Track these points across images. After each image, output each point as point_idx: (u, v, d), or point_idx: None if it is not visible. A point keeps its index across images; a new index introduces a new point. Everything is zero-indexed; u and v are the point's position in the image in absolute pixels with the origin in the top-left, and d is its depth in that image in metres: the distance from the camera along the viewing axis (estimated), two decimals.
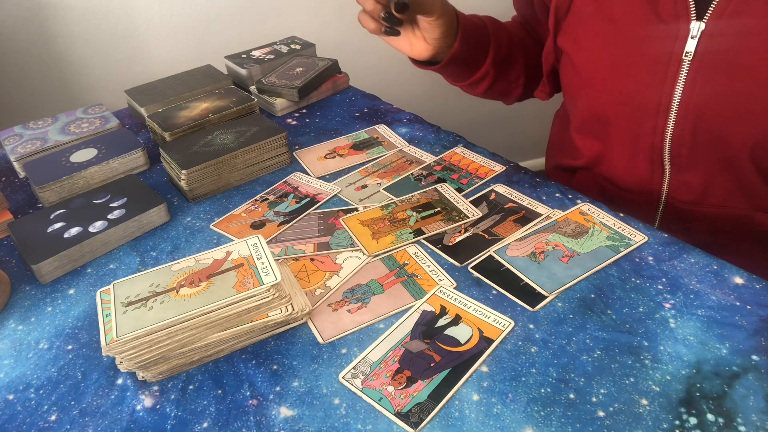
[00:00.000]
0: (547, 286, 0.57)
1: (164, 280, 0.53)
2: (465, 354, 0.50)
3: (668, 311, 0.54)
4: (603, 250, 0.61)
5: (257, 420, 0.47)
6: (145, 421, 0.47)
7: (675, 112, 0.64)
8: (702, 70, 0.61)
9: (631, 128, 0.69)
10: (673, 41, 0.62)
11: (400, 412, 0.46)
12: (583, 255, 0.60)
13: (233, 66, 1.05)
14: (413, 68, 0.83)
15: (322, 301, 0.57)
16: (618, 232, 0.63)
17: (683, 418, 0.44)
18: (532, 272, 0.59)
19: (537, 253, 0.61)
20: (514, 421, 0.45)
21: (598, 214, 0.66)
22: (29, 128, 0.87)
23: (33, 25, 1.20)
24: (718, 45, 0.60)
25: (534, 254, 0.61)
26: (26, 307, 0.60)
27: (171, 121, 0.83)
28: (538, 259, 0.60)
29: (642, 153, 0.69)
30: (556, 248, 0.61)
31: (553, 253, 0.61)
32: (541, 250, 0.61)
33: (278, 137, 0.78)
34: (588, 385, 0.47)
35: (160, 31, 1.30)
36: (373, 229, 0.66)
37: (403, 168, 0.79)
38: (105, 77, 1.31)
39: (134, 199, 0.70)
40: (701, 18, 0.60)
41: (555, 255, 0.60)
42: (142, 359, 0.48)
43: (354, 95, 1.02)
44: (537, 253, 0.61)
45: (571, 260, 0.60)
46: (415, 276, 0.60)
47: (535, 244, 0.62)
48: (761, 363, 0.48)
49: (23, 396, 0.50)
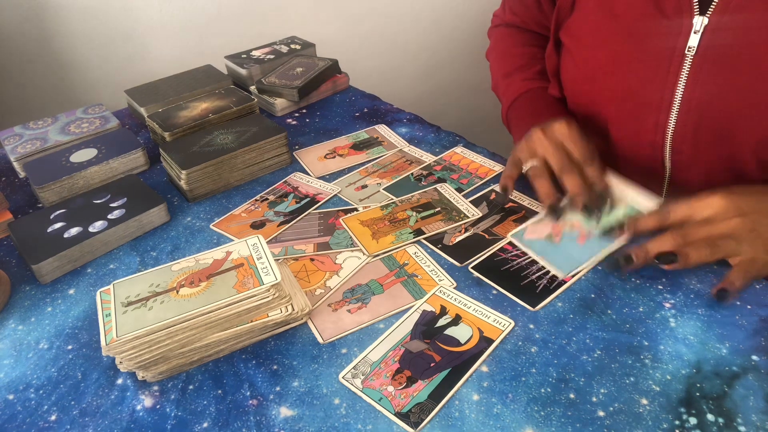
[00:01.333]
0: (564, 268, 0.58)
1: (164, 280, 0.53)
2: (465, 354, 0.50)
3: (668, 311, 0.54)
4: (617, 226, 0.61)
5: (257, 420, 0.47)
6: (145, 421, 0.47)
7: (677, 108, 0.64)
8: (705, 66, 0.61)
9: (632, 124, 0.68)
10: (675, 36, 0.62)
11: (400, 412, 0.46)
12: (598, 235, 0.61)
13: (233, 66, 1.05)
14: (413, 68, 0.84)
15: (322, 301, 0.57)
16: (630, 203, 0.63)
17: (683, 418, 0.44)
18: (549, 254, 0.59)
19: (554, 234, 0.61)
20: (514, 421, 0.45)
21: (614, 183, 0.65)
22: (29, 128, 0.87)
23: (33, 25, 1.20)
24: (721, 40, 0.59)
25: (550, 235, 0.61)
26: (26, 307, 0.60)
27: (171, 121, 0.83)
28: (554, 240, 0.61)
29: (642, 149, 0.69)
30: (573, 228, 0.62)
31: (570, 233, 0.62)
32: (560, 232, 0.62)
33: (278, 137, 0.78)
34: (588, 384, 0.47)
35: (160, 31, 1.30)
36: (373, 229, 0.66)
37: (403, 168, 0.79)
38: (105, 77, 1.31)
39: (134, 199, 0.70)
40: (704, 13, 0.60)
41: (572, 236, 0.61)
42: (142, 359, 0.48)
43: (354, 95, 1.02)
44: (554, 234, 0.61)
45: (588, 240, 0.60)
46: (415, 276, 0.60)
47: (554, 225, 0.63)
48: (761, 363, 0.48)
49: (23, 396, 0.50)
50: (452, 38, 1.61)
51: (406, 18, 1.53)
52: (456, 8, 1.56)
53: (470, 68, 1.63)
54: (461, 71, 1.67)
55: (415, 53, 1.59)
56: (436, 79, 1.65)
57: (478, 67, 1.75)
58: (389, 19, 1.51)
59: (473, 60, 1.65)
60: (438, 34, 1.58)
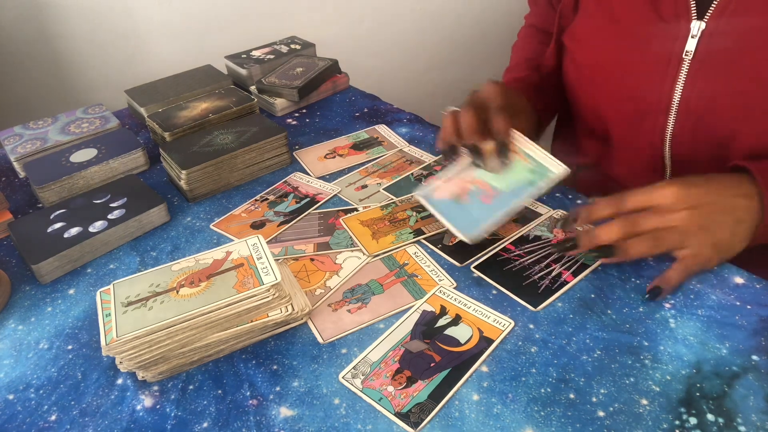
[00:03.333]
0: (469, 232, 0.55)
1: (164, 280, 0.53)
2: (465, 354, 0.50)
3: (668, 311, 0.54)
4: (524, 186, 0.58)
5: (257, 420, 0.47)
6: (145, 421, 0.47)
7: (675, 112, 0.64)
8: (702, 70, 0.61)
9: (632, 127, 0.69)
10: (673, 41, 0.62)
11: (400, 412, 0.46)
12: (505, 193, 0.57)
13: (233, 66, 1.05)
14: (413, 68, 0.84)
15: (322, 301, 0.57)
16: (539, 163, 0.59)
17: (683, 418, 0.44)
18: (453, 217, 0.56)
19: (461, 195, 0.58)
20: (514, 421, 0.45)
21: (522, 142, 0.62)
22: (29, 128, 0.87)
23: (33, 25, 1.20)
24: (718, 44, 0.60)
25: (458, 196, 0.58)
26: (26, 307, 0.60)
27: (171, 121, 0.83)
28: (460, 201, 0.57)
29: (642, 152, 0.69)
30: (480, 187, 0.58)
31: (475, 192, 0.58)
32: (466, 191, 0.58)
33: (278, 137, 0.78)
34: (588, 385, 0.47)
35: (160, 31, 1.30)
36: (373, 229, 0.66)
37: (403, 168, 0.79)
38: (105, 77, 1.31)
39: (134, 199, 0.70)
40: (702, 17, 0.60)
41: (477, 195, 0.58)
42: (142, 359, 0.48)
43: (354, 95, 1.02)
44: (461, 195, 0.58)
45: (494, 199, 0.57)
46: (415, 276, 0.60)
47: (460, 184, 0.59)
48: (761, 363, 0.48)
49: (23, 396, 0.50)
50: (452, 38, 1.61)
51: (406, 18, 1.53)
52: (456, 8, 1.56)
53: (470, 68, 1.63)
54: (461, 71, 1.67)
55: (415, 53, 1.59)
56: (436, 79, 1.65)
57: (479, 67, 1.75)
58: (389, 19, 1.51)
59: (473, 60, 1.66)
60: (438, 34, 1.58)
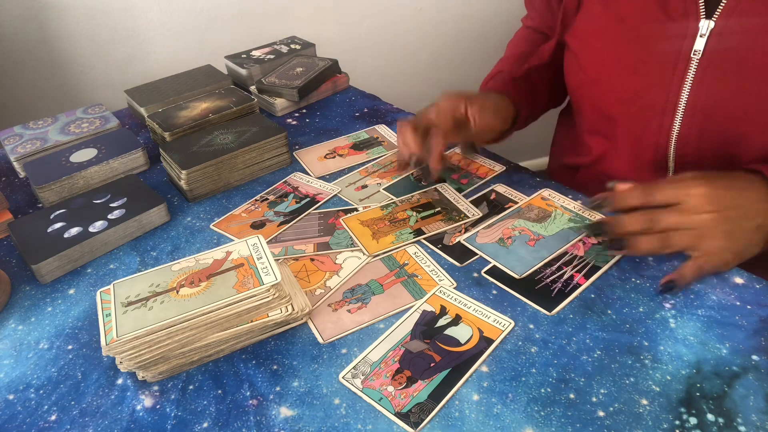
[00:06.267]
0: (517, 269, 0.59)
1: (164, 280, 0.53)
2: (465, 354, 0.50)
3: (668, 311, 0.54)
4: (566, 231, 0.63)
5: (257, 420, 0.47)
6: (145, 421, 0.47)
7: (682, 112, 0.63)
8: (710, 70, 0.60)
9: (636, 127, 0.68)
10: (681, 40, 0.61)
11: (400, 412, 0.46)
12: (548, 238, 0.63)
13: (233, 66, 1.05)
14: (413, 68, 0.84)
15: (322, 301, 0.57)
16: (578, 213, 0.66)
17: (683, 418, 0.44)
18: (501, 257, 0.61)
19: (505, 238, 0.63)
20: (514, 421, 0.45)
21: (558, 198, 0.69)
22: (29, 128, 0.87)
23: (33, 25, 1.20)
24: (727, 44, 0.59)
25: (502, 240, 0.63)
26: (26, 307, 0.60)
27: (171, 121, 0.83)
28: (506, 244, 0.62)
29: (646, 152, 0.69)
30: (523, 233, 0.64)
31: (520, 237, 0.63)
32: (509, 236, 0.63)
33: (278, 137, 0.78)
34: (588, 385, 0.47)
35: (160, 31, 1.30)
36: (373, 229, 0.66)
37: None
38: (105, 77, 1.31)
39: (134, 199, 0.70)
40: (711, 16, 0.60)
41: (522, 239, 0.63)
42: (142, 359, 0.48)
43: (354, 95, 1.02)
44: (505, 239, 0.63)
45: (538, 243, 0.62)
46: (415, 276, 0.60)
47: (503, 230, 0.64)
48: (761, 363, 0.48)
49: (23, 396, 0.50)
50: (452, 38, 1.61)
51: (406, 18, 1.53)
52: (456, 9, 1.56)
53: (470, 68, 1.63)
54: (461, 71, 1.67)
55: (415, 53, 1.59)
56: (436, 79, 1.65)
57: (479, 67, 1.75)
58: (389, 19, 1.51)
59: (473, 60, 1.66)
60: (438, 34, 1.58)
